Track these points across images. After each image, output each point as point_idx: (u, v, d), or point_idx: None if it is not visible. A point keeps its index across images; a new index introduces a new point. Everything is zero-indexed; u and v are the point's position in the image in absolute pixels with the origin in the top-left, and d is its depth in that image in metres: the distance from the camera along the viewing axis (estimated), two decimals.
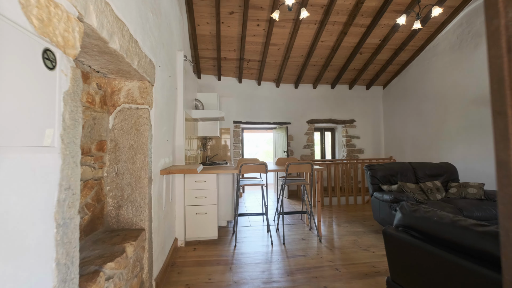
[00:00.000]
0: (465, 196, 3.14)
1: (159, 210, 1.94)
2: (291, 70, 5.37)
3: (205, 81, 5.49)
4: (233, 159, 5.43)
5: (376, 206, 3.28)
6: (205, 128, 4.16)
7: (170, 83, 2.35)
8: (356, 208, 4.42)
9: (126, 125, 1.63)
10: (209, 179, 2.78)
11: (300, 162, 2.78)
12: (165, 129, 2.16)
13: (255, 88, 5.73)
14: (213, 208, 2.77)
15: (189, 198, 2.73)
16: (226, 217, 3.34)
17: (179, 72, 2.70)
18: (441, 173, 3.53)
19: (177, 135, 2.67)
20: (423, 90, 4.96)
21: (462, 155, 4.14)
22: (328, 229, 3.21)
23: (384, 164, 3.51)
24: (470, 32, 4.01)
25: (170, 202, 2.39)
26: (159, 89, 1.93)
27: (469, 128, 4.03)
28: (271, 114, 5.75)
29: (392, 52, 4.98)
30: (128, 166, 1.62)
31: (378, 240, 2.83)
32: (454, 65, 4.29)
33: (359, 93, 6.13)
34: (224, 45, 4.59)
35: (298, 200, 4.97)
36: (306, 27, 4.23)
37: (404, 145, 5.49)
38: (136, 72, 1.47)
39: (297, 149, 5.81)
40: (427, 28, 4.46)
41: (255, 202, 4.87)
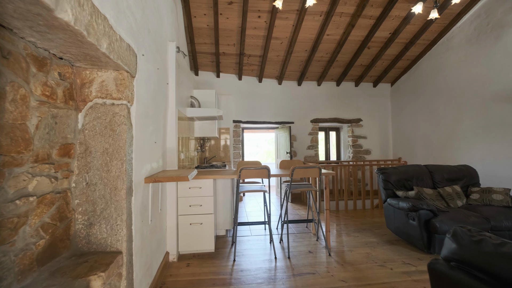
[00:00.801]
0: (489, 203, 2.83)
1: (144, 225, 1.64)
2: (294, 66, 5.07)
3: (203, 78, 5.19)
4: (233, 161, 5.13)
5: (390, 214, 2.97)
6: (202, 128, 3.86)
7: (158, 76, 2.05)
8: (365, 213, 4.12)
9: (99, 124, 1.34)
10: (204, 185, 2.48)
11: (307, 166, 2.48)
12: (152, 129, 1.87)
13: (256, 85, 5.43)
14: (209, 217, 2.47)
15: (182, 207, 2.44)
16: (225, 226, 3.05)
17: (170, 65, 2.41)
18: (460, 177, 3.22)
19: (169, 136, 2.37)
20: (435, 87, 4.64)
21: (480, 157, 3.82)
22: (337, 239, 2.91)
23: (398, 167, 3.20)
24: (490, 23, 3.69)
25: (160, 213, 2.09)
26: (142, 82, 1.64)
27: (488, 127, 3.71)
28: (273, 113, 5.45)
29: (402, 47, 4.67)
30: (102, 175, 1.33)
31: (394, 253, 2.52)
32: (470, 60, 3.97)
33: (365, 91, 5.81)
34: (223, 39, 4.29)
35: (302, 205, 4.67)
36: (311, 19, 3.92)
37: (414, 145, 5.17)
38: (107, 58, 1.18)
39: (301, 150, 5.50)
40: (441, 20, 4.14)
41: (256, 206, 4.57)
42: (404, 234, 2.76)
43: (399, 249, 2.62)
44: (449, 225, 2.39)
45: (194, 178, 2.41)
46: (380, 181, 3.16)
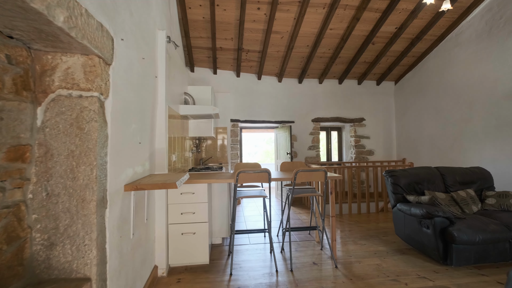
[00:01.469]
0: (508, 208, 2.62)
1: (123, 241, 1.40)
2: (295, 62, 4.83)
3: (199, 74, 4.94)
4: (230, 162, 4.89)
5: (399, 220, 2.74)
6: (198, 127, 3.61)
7: (144, 68, 1.80)
8: (370, 218, 3.89)
9: (63, 121, 1.09)
10: (198, 190, 2.23)
11: (311, 169, 2.24)
12: (136, 128, 1.62)
13: (255, 83, 5.18)
14: (203, 226, 2.23)
15: (173, 215, 2.19)
16: (221, 233, 2.80)
17: (160, 56, 2.16)
18: (474, 180, 3.00)
19: (158, 135, 2.12)
20: (442, 85, 4.43)
21: (491, 158, 3.61)
22: (343, 248, 2.68)
23: (407, 170, 2.98)
24: (503, 17, 3.47)
25: (146, 223, 1.84)
26: (122, 72, 1.39)
27: (500, 127, 3.50)
28: (272, 112, 5.21)
29: (408, 42, 4.45)
30: (66, 183, 1.08)
31: (406, 265, 2.30)
32: (481, 56, 3.76)
33: (368, 89, 5.59)
34: (220, 33, 4.04)
35: (303, 208, 4.44)
36: (314, 11, 3.69)
37: (419, 146, 4.96)
38: (69, 37, 0.93)
39: (301, 150, 5.27)
40: (450, 14, 3.93)
41: (255, 210, 4.33)
42: (416, 243, 2.53)
43: (411, 260, 2.39)
44: (468, 234, 2.17)
45: (186, 183, 2.16)
46: (389, 185, 2.93)
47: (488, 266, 2.25)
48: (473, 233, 2.18)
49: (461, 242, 2.16)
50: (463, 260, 2.20)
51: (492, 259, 2.24)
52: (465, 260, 2.20)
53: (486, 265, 2.27)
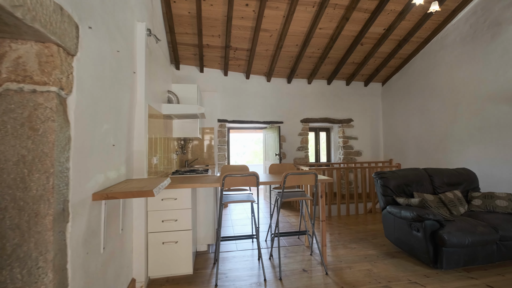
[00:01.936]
0: (493, 209, 2.64)
1: (91, 258, 1.23)
2: (284, 62, 4.74)
3: (185, 72, 4.74)
4: (218, 164, 4.73)
5: (389, 223, 2.70)
6: (183, 128, 3.43)
7: (119, 62, 1.63)
8: (359, 220, 3.86)
9: (12, 121, 0.91)
10: (181, 195, 2.08)
11: (301, 172, 2.14)
12: (108, 129, 1.45)
13: (243, 82, 5.05)
14: (187, 234, 2.07)
15: (153, 223, 2.02)
16: (206, 240, 2.65)
17: (139, 50, 1.98)
18: (460, 181, 3.02)
19: (136, 136, 1.95)
20: (428, 86, 4.49)
21: (475, 160, 3.67)
22: (333, 253, 2.60)
23: (396, 171, 2.95)
24: (487, 21, 3.54)
25: (122, 234, 1.67)
26: (90, 65, 1.22)
27: (484, 129, 3.56)
28: (261, 112, 5.10)
29: (396, 44, 4.47)
30: (16, 195, 0.90)
31: (397, 269, 2.25)
32: (466, 58, 3.83)
33: (356, 90, 5.60)
34: (207, 29, 3.88)
35: (292, 210, 4.35)
36: (303, 9, 3.61)
37: (405, 147, 5.01)
38: (15, 19, 0.76)
39: (290, 151, 5.19)
40: (436, 17, 3.97)
41: (243, 213, 4.20)
42: (406, 246, 2.49)
43: (402, 264, 2.35)
44: (458, 237, 2.15)
45: (168, 188, 2.00)
46: (378, 187, 2.89)
47: (476, 269, 2.24)
48: (462, 236, 2.16)
49: (451, 245, 2.13)
50: (453, 263, 2.18)
51: (480, 262, 2.24)
52: (454, 263, 2.18)
53: (474, 268, 2.26)
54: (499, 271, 2.19)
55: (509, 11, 3.26)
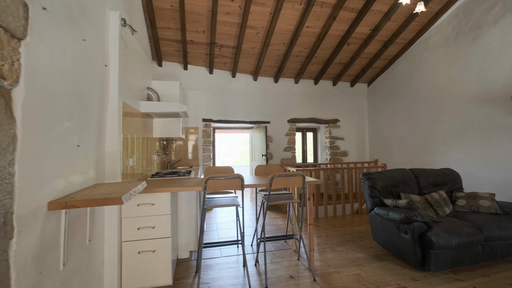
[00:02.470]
0: (477, 209, 2.66)
1: (45, 277, 1.05)
2: (270, 60, 4.65)
3: (168, 69, 4.54)
4: (202, 165, 4.56)
5: (377, 224, 2.67)
6: (164, 127, 3.24)
7: (86, 52, 1.45)
8: (345, 221, 3.83)
9: None
10: (159, 200, 1.92)
11: (288, 174, 2.04)
12: (70, 127, 1.27)
13: (229, 80, 4.91)
14: (165, 242, 1.91)
15: (127, 231, 1.85)
16: (188, 246, 2.50)
17: (112, 42, 1.80)
18: (445, 181, 3.04)
19: (109, 136, 1.77)
20: (413, 87, 4.55)
21: (458, 160, 3.74)
22: (321, 257, 2.52)
23: (384, 172, 2.93)
24: (468, 23, 3.62)
25: (89, 245, 1.49)
26: (45, 53, 1.05)
27: (466, 130, 3.64)
28: (247, 112, 4.98)
29: (381, 45, 4.50)
30: None
31: (385, 273, 2.20)
32: (448, 60, 3.90)
33: (343, 90, 5.62)
34: (191, 24, 3.71)
35: (278, 212, 4.26)
36: (290, 7, 3.52)
37: (391, 147, 5.07)
38: None
39: (277, 152, 5.11)
40: (420, 19, 4.03)
41: (228, 216, 4.06)
42: (393, 248, 2.46)
43: (390, 267, 2.30)
44: (445, 239, 2.13)
45: (145, 192, 1.83)
46: (366, 188, 2.85)
47: (462, 270, 2.24)
48: (449, 237, 2.14)
49: (439, 247, 2.11)
50: (440, 265, 2.16)
51: (466, 263, 2.23)
52: (442, 265, 2.16)
53: (460, 269, 2.25)
54: (484, 272, 2.20)
55: (490, 14, 3.33)
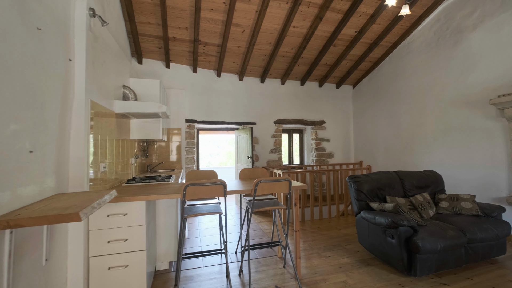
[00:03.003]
0: (459, 211, 2.69)
1: None
2: (257, 60, 4.54)
3: (148, 67, 4.31)
4: (185, 167, 4.37)
5: (363, 228, 2.63)
6: (143, 129, 3.04)
7: (42, 43, 1.27)
8: (331, 223, 3.80)
9: None
10: (133, 209, 1.74)
11: (273, 180, 1.93)
12: (18, 130, 1.09)
13: (214, 80, 4.75)
14: (140, 256, 1.74)
15: (96, 245, 1.66)
16: (168, 257, 2.33)
17: (78, 33, 1.61)
18: (428, 183, 3.07)
19: (73, 139, 1.58)
20: (396, 90, 4.62)
21: (439, 162, 3.82)
22: (307, 263, 2.44)
23: (370, 175, 2.90)
24: (449, 28, 3.70)
25: (47, 265, 1.30)
26: None
27: (447, 132, 3.72)
28: (233, 112, 4.84)
29: (367, 47, 4.52)
30: None
31: (372, 279, 2.15)
32: (430, 64, 3.97)
33: (329, 92, 5.62)
34: (173, 20, 3.52)
35: (264, 216, 4.16)
36: (277, 5, 3.43)
37: (375, 149, 5.12)
38: None
39: (263, 153, 5.01)
40: (403, 23, 4.08)
41: (212, 221, 3.90)
42: (380, 253, 2.42)
43: (376, 272, 2.26)
44: (431, 243, 2.11)
45: (116, 201, 1.66)
46: (352, 191, 2.81)
47: (447, 273, 2.23)
48: (435, 241, 2.12)
49: (424, 251, 2.09)
50: (426, 270, 2.14)
51: (450, 266, 2.23)
52: (427, 270, 2.14)
53: (445, 272, 2.25)
54: (467, 275, 2.20)
55: (470, 20, 3.42)
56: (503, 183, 3.04)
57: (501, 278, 2.12)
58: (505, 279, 2.11)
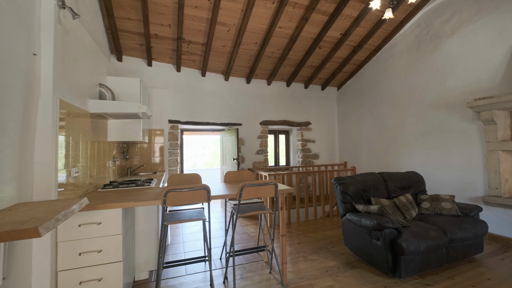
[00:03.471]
0: (440, 212, 2.76)
1: None
2: (242, 60, 4.47)
3: (129, 65, 4.11)
4: (168, 170, 4.21)
5: (349, 230, 2.63)
6: (122, 130, 2.87)
7: None
8: (317, 225, 3.79)
9: None
10: (107, 218, 1.61)
11: (259, 183, 1.87)
12: None
13: (199, 79, 4.63)
14: (116, 267, 1.61)
15: (65, 258, 1.52)
16: (148, 266, 2.20)
17: (45, 26, 1.47)
18: (410, 184, 3.14)
19: (39, 143, 1.43)
20: (379, 92, 4.72)
21: (420, 163, 3.93)
22: (294, 267, 2.40)
23: (355, 177, 2.91)
24: (429, 33, 3.82)
25: (4, 284, 1.16)
26: None
27: (427, 134, 3.83)
28: (218, 113, 4.73)
29: (351, 50, 4.59)
30: None
31: (358, 281, 2.14)
32: (411, 67, 4.09)
33: (314, 93, 5.65)
34: (155, 16, 3.38)
35: (250, 219, 4.09)
36: (263, 5, 3.38)
37: (359, 150, 5.21)
38: None
39: (249, 155, 4.94)
40: (386, 26, 4.17)
41: (197, 225, 3.78)
42: (365, 255, 2.43)
43: (362, 275, 2.26)
44: (414, 244, 2.13)
45: (88, 210, 1.52)
46: (338, 193, 2.81)
47: (429, 274, 2.27)
48: (418, 243, 2.15)
49: (409, 253, 2.11)
50: (410, 271, 2.16)
51: (432, 266, 2.27)
52: (411, 271, 2.17)
53: (427, 273, 2.29)
54: (448, 274, 2.25)
55: (448, 26, 3.54)
56: (479, 183, 3.17)
57: (480, 277, 2.19)
58: (483, 278, 2.17)
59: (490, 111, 2.95)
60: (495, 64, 3.01)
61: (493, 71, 3.03)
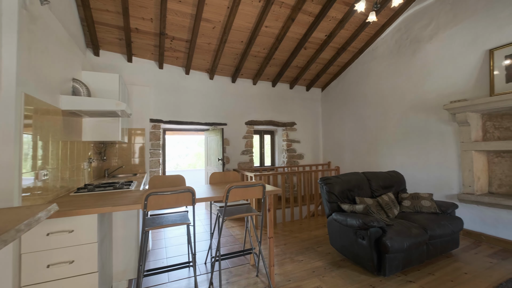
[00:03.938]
0: (420, 210, 2.86)
1: None
2: (228, 59, 4.38)
3: (107, 60, 3.87)
4: (149, 171, 4.02)
5: (335, 230, 2.64)
6: (99, 129, 2.68)
7: None
8: (303, 225, 3.80)
9: None
10: (80, 225, 1.47)
11: (246, 185, 1.81)
12: None
13: (182, 77, 4.47)
14: (90, 279, 1.48)
15: (30, 271, 1.36)
16: (127, 274, 2.06)
17: (7, 9, 1.31)
18: (392, 183, 3.22)
19: (0, 142, 1.27)
20: (361, 94, 4.83)
21: (400, 162, 4.07)
22: (281, 269, 2.36)
23: (340, 177, 2.94)
24: (408, 38, 3.96)
25: None
26: None
27: (407, 135, 3.97)
28: (202, 112, 4.61)
29: (335, 52, 4.66)
30: None
31: (345, 281, 2.15)
32: (392, 70, 4.22)
33: (299, 94, 5.69)
34: (135, 9, 3.20)
35: (235, 221, 4.02)
36: (249, 3, 3.33)
37: (342, 150, 5.31)
38: None
39: (234, 155, 4.86)
40: (368, 30, 4.28)
41: (180, 228, 3.64)
42: (351, 254, 2.45)
43: (348, 274, 2.27)
44: (398, 242, 2.18)
45: (58, 216, 1.38)
46: (324, 193, 2.81)
47: (411, 270, 2.33)
48: (401, 241, 2.20)
49: (393, 251, 2.15)
50: (394, 269, 2.20)
51: (414, 263, 2.33)
52: (395, 268, 2.21)
53: (410, 270, 2.35)
54: (429, 270, 2.33)
55: (426, 31, 3.69)
56: (454, 182, 3.33)
57: (457, 271, 2.28)
58: (460, 272, 2.27)
59: (464, 113, 3.10)
60: (470, 68, 3.18)
61: (468, 75, 3.20)
